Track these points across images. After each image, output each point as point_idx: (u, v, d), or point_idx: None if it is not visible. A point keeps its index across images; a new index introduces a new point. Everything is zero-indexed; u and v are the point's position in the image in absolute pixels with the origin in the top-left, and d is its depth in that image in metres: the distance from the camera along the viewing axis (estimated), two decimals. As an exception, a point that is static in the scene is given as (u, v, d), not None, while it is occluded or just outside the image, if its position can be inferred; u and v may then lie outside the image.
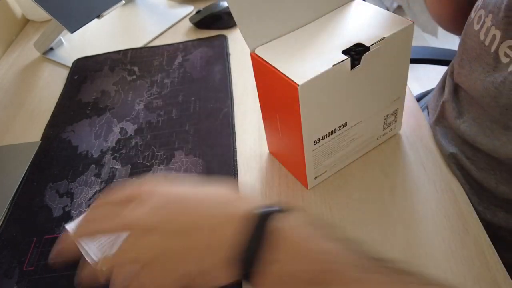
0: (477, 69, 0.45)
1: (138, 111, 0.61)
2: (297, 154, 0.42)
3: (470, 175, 0.48)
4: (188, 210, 0.32)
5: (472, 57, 0.46)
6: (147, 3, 0.88)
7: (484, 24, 0.44)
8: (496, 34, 0.42)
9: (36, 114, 0.65)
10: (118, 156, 0.55)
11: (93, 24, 0.74)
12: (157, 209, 0.32)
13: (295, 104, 0.37)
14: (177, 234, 0.31)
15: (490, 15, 0.43)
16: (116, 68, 0.71)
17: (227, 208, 0.31)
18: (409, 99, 0.56)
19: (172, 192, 0.34)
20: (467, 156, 0.48)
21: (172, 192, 0.34)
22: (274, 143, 0.49)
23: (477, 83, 0.45)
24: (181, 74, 0.67)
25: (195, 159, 0.52)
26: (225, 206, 0.32)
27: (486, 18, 0.44)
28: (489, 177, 0.46)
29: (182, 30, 0.78)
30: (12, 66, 0.78)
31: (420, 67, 1.80)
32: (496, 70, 0.42)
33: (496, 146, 0.44)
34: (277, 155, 0.50)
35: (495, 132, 0.44)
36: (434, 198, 0.44)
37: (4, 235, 0.48)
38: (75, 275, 0.43)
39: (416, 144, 0.50)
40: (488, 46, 0.43)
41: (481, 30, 0.45)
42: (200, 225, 0.31)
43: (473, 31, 0.46)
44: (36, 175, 0.54)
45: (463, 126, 0.48)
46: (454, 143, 0.50)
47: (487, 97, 0.43)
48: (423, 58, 0.84)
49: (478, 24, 0.45)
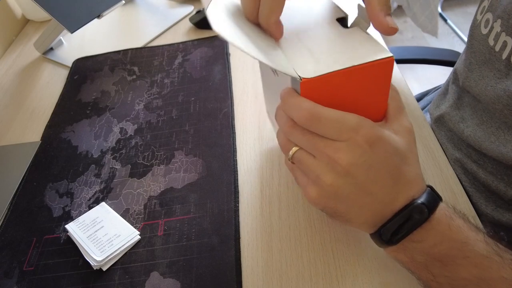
0: (487, 74, 0.45)
1: (138, 111, 0.61)
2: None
3: (476, 178, 0.48)
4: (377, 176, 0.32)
5: (481, 61, 0.46)
6: (147, 3, 0.88)
7: (493, 29, 0.44)
8: (508, 41, 0.41)
9: (36, 114, 0.65)
10: (118, 156, 0.55)
11: (93, 24, 0.74)
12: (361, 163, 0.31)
13: (387, 80, 0.33)
14: (356, 187, 0.32)
15: (499, 21, 0.43)
16: (116, 68, 0.71)
17: (402, 191, 0.33)
18: (409, 99, 0.56)
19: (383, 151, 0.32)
20: (473, 159, 0.48)
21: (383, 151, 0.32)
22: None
23: (488, 90, 0.44)
24: (181, 74, 0.67)
25: (195, 159, 0.52)
26: (402, 187, 0.33)
27: (494, 23, 0.43)
28: (497, 181, 0.46)
29: (182, 30, 0.78)
30: (12, 66, 0.78)
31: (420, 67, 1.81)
32: (509, 77, 0.42)
33: (502, 152, 0.43)
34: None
35: (500, 138, 0.44)
36: (434, 198, 0.44)
37: (4, 235, 0.48)
38: (75, 275, 0.43)
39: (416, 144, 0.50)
40: (498, 52, 0.43)
41: (490, 34, 0.44)
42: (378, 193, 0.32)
43: (481, 35, 0.46)
44: (36, 175, 0.54)
45: (467, 131, 0.48)
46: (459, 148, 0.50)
47: (499, 104, 0.43)
48: (423, 58, 0.84)
49: (486, 28, 0.45)
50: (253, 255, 0.42)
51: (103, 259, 0.42)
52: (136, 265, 0.43)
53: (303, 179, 0.34)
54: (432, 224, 0.31)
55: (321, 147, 0.31)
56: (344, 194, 0.32)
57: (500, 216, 0.47)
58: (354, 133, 0.30)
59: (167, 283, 0.41)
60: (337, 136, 0.31)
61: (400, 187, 0.32)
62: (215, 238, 0.44)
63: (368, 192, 0.32)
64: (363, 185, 0.31)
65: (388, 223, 0.32)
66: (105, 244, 0.44)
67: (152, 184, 0.50)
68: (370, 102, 0.34)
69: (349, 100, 0.33)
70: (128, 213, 0.48)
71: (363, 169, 0.31)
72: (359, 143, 0.30)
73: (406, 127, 0.35)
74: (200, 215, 0.46)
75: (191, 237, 0.44)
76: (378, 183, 0.32)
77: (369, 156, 0.31)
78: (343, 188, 0.32)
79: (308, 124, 0.31)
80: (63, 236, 0.47)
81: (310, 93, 0.32)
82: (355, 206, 0.33)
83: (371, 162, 0.31)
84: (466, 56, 0.50)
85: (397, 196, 0.32)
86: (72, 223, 0.47)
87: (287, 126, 0.33)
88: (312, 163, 0.32)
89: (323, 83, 0.31)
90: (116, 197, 0.50)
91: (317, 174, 0.32)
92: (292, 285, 0.39)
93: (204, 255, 0.42)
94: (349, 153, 0.30)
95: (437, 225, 0.31)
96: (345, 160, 0.30)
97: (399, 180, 0.32)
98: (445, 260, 0.31)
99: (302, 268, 0.40)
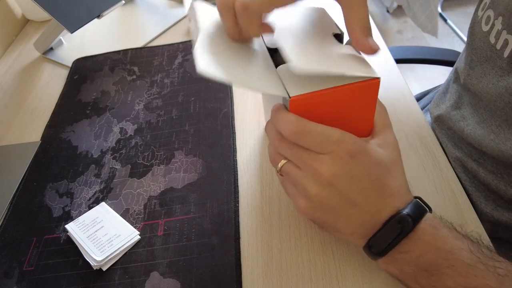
0: (489, 72, 0.45)
1: (138, 111, 0.61)
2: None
3: (476, 177, 0.48)
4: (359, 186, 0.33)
5: (482, 58, 0.46)
6: (147, 3, 0.88)
7: (494, 27, 0.44)
8: (509, 39, 0.41)
9: (36, 114, 0.65)
10: (118, 156, 0.55)
11: (93, 24, 0.74)
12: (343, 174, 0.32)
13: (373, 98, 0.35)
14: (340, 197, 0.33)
15: (500, 18, 0.43)
16: (116, 68, 0.71)
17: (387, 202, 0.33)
18: (409, 99, 0.56)
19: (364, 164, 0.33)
20: (473, 158, 0.48)
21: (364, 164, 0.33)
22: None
23: (489, 87, 0.44)
24: (181, 74, 0.67)
25: (195, 159, 0.52)
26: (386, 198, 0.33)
27: (496, 20, 0.43)
28: (497, 180, 0.46)
29: (182, 30, 0.78)
30: (12, 66, 0.78)
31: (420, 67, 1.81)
32: (511, 75, 0.42)
33: (502, 150, 0.43)
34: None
35: (500, 136, 0.44)
36: (434, 198, 0.44)
37: (4, 235, 0.48)
38: (75, 275, 0.43)
39: (416, 144, 0.50)
40: (500, 50, 0.43)
41: (491, 32, 0.44)
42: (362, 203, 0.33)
43: (482, 32, 0.46)
44: (36, 175, 0.54)
45: (467, 129, 0.48)
46: (459, 146, 0.50)
47: (501, 102, 0.43)
48: (423, 58, 0.84)
49: (487, 25, 0.45)
50: (253, 255, 0.42)
51: (103, 259, 0.42)
52: (136, 265, 0.43)
53: (293, 190, 0.36)
54: (418, 234, 0.32)
55: (306, 160, 0.33)
56: (330, 205, 0.33)
57: (499, 216, 0.47)
58: (337, 146, 0.32)
59: (167, 283, 0.41)
60: (321, 149, 0.32)
61: (385, 198, 0.33)
62: (215, 238, 0.44)
63: (352, 202, 0.33)
64: (347, 196, 0.33)
65: (376, 234, 0.33)
66: (105, 244, 0.44)
67: (152, 184, 0.50)
68: (357, 118, 0.36)
69: (336, 116, 0.34)
70: (128, 213, 0.48)
71: (345, 179, 0.32)
72: (341, 155, 0.32)
73: (390, 141, 0.36)
74: (200, 215, 0.46)
75: (191, 237, 0.44)
76: (362, 194, 0.33)
77: (351, 167, 0.32)
78: (328, 198, 0.33)
79: (295, 138, 0.33)
80: (63, 236, 0.47)
81: (299, 109, 0.33)
82: (342, 216, 0.34)
83: (353, 173, 0.32)
84: (467, 53, 0.50)
85: (383, 207, 0.33)
86: (72, 223, 0.47)
87: (276, 140, 0.35)
88: (299, 175, 0.34)
89: (311, 101, 0.33)
90: (116, 197, 0.50)
91: (303, 186, 0.34)
92: (292, 285, 0.39)
93: (204, 255, 0.42)
94: (331, 165, 0.32)
95: (422, 235, 0.32)
96: (328, 171, 0.32)
97: (383, 191, 0.33)
98: (431, 270, 0.32)
99: (302, 268, 0.40)
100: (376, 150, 0.34)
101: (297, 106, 0.33)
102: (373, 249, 0.34)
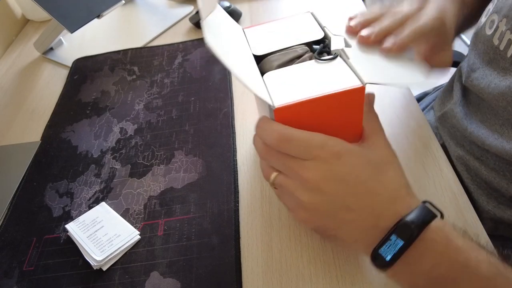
0: (491, 73, 0.45)
1: (138, 111, 0.61)
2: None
3: (478, 175, 0.48)
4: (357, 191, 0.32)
5: (485, 61, 0.46)
6: (147, 3, 0.88)
7: (498, 29, 0.44)
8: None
9: (36, 114, 0.65)
10: (118, 156, 0.55)
11: (93, 24, 0.74)
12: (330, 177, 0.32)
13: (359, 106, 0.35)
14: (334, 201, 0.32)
15: (504, 20, 0.43)
16: (116, 68, 0.71)
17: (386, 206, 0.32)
18: (409, 99, 0.56)
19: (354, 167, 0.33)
20: (476, 156, 0.48)
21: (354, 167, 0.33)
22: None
23: (491, 87, 0.44)
24: (181, 74, 0.67)
25: (195, 159, 0.52)
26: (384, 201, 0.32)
27: (500, 22, 0.44)
28: (499, 177, 0.46)
29: (182, 30, 0.78)
30: (12, 66, 0.78)
31: (420, 67, 1.80)
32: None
33: (506, 149, 0.43)
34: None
35: (504, 135, 0.44)
36: (434, 198, 0.44)
37: (4, 235, 0.48)
38: (75, 275, 0.43)
39: (416, 144, 0.50)
40: (503, 51, 0.43)
41: (495, 34, 0.44)
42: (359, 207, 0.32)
43: (485, 36, 0.46)
44: (36, 175, 0.54)
45: (470, 127, 0.48)
46: (461, 144, 0.50)
47: (503, 101, 0.43)
48: (424, 58, 0.83)
49: (491, 29, 0.45)
50: (253, 255, 0.42)
51: (103, 259, 0.42)
52: (136, 265, 0.43)
53: (291, 203, 0.35)
54: (426, 244, 0.30)
55: (293, 167, 0.33)
56: (326, 210, 0.33)
57: (501, 213, 0.47)
58: (320, 150, 0.32)
59: (167, 283, 0.41)
60: (306, 155, 0.32)
61: (382, 200, 0.32)
62: (215, 238, 0.44)
63: (348, 206, 0.32)
64: (341, 200, 0.32)
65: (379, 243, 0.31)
66: (105, 244, 0.44)
67: (152, 184, 0.50)
68: (344, 125, 0.36)
69: (323, 124, 0.35)
70: (128, 213, 0.48)
71: (333, 182, 0.32)
72: (326, 158, 0.32)
73: (380, 144, 0.35)
74: (200, 215, 0.46)
75: (191, 237, 0.44)
76: (355, 197, 0.32)
77: (338, 169, 0.32)
78: (322, 204, 0.32)
79: (280, 146, 0.33)
80: (63, 236, 0.47)
81: (284, 118, 0.33)
82: (343, 223, 0.33)
83: (341, 175, 0.32)
84: (469, 57, 0.50)
85: (382, 213, 0.32)
86: (72, 223, 0.47)
87: (263, 152, 0.35)
88: (290, 185, 0.34)
89: (295, 110, 0.33)
90: (116, 197, 0.50)
91: (296, 195, 0.33)
92: (292, 285, 0.39)
93: (204, 255, 0.42)
94: (317, 170, 0.32)
95: (432, 245, 0.30)
96: (314, 176, 0.32)
97: (378, 193, 0.32)
98: (445, 283, 0.30)
99: (302, 268, 0.40)
100: (363, 151, 0.33)
101: (282, 115, 0.33)
102: (378, 261, 0.31)
